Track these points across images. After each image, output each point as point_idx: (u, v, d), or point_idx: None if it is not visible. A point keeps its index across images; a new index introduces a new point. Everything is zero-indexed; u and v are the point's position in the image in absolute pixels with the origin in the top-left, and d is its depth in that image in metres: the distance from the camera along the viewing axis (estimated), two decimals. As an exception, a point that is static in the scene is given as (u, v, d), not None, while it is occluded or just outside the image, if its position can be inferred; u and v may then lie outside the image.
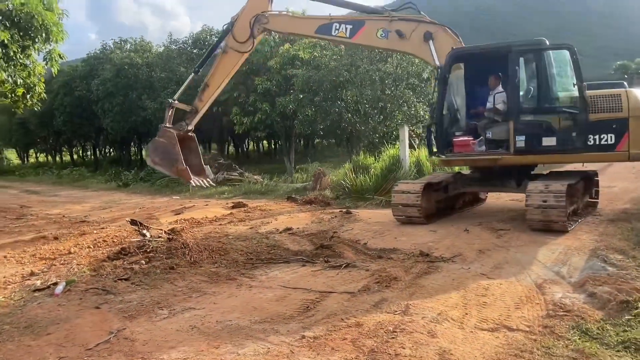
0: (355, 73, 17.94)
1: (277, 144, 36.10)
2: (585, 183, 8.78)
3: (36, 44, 10.93)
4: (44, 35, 10.63)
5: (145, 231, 8.63)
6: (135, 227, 8.89)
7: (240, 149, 40.79)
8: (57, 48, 11.52)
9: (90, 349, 4.11)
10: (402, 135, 13.79)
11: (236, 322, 4.48)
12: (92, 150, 45.00)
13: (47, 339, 4.39)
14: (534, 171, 9.09)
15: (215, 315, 4.71)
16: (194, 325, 4.45)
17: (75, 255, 7.52)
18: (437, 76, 8.47)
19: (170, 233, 8.50)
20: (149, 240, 7.98)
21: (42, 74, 11.58)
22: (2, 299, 5.62)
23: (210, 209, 12.43)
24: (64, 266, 6.89)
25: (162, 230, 8.98)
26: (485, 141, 8.42)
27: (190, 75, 10.19)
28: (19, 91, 11.33)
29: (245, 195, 15.51)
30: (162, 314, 4.82)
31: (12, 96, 11.45)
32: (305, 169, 19.00)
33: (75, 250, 7.92)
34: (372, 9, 9.63)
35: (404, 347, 3.75)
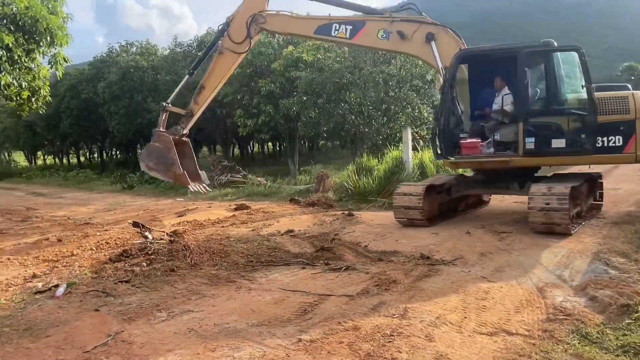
0: (358, 75, 17.93)
1: (282, 145, 36.14)
2: (589, 185, 8.73)
3: (41, 48, 10.99)
4: (48, 39, 10.69)
5: (147, 233, 8.64)
6: (138, 230, 8.90)
7: (245, 151, 40.87)
8: (61, 51, 11.58)
9: (87, 352, 4.11)
10: (405, 137, 13.75)
11: (234, 325, 4.48)
12: (98, 153, 45.21)
13: (46, 342, 4.40)
14: (537, 173, 9.05)
15: (213, 317, 4.71)
16: (191, 328, 4.46)
17: (78, 257, 7.56)
18: (446, 77, 8.33)
19: (172, 235, 8.52)
20: (151, 242, 7.99)
21: (46, 78, 11.64)
22: (4, 301, 5.65)
23: (213, 211, 12.44)
24: (66, 268, 6.92)
25: (164, 232, 8.99)
26: (493, 143, 8.38)
27: (184, 77, 9.87)
28: (24, 94, 11.39)
29: (248, 197, 15.52)
30: (161, 317, 4.82)
31: (17, 99, 11.52)
32: (308, 170, 19.02)
33: (77, 252, 7.96)
34: (372, 10, 9.50)
35: (401, 352, 3.73)
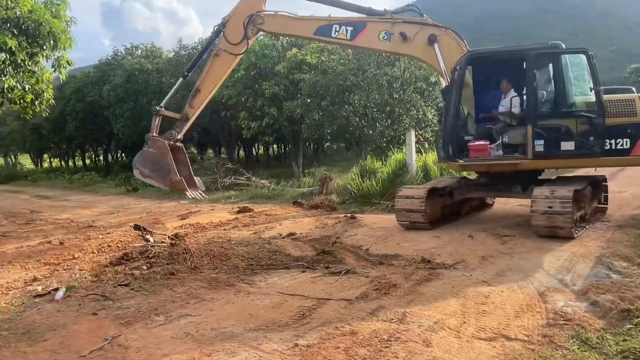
0: (362, 77, 17.90)
1: (286, 148, 36.12)
2: (593, 188, 8.65)
3: (44, 51, 11.03)
4: (51, 42, 10.73)
5: (148, 236, 8.65)
6: (139, 233, 8.91)
7: (250, 153, 40.87)
8: (65, 55, 11.62)
9: (83, 356, 4.10)
10: (409, 139, 13.71)
11: (230, 329, 4.45)
12: (104, 155, 45.35)
13: (43, 345, 4.40)
14: (541, 176, 8.99)
15: (210, 322, 4.69)
16: (188, 332, 4.44)
17: (79, 260, 7.58)
18: (453, 78, 8.23)
19: (173, 238, 8.52)
20: (152, 245, 7.99)
21: (50, 81, 11.67)
22: (3, 305, 5.65)
23: (216, 213, 12.45)
24: (66, 271, 6.94)
25: (165, 235, 9.01)
26: (502, 145, 8.34)
27: (179, 79, 9.73)
28: (28, 97, 11.43)
29: (251, 199, 15.51)
30: (158, 321, 4.80)
31: (21, 102, 11.57)
32: (312, 173, 18.98)
33: (79, 255, 7.97)
34: (372, 11, 9.34)
35: (397, 357, 3.70)
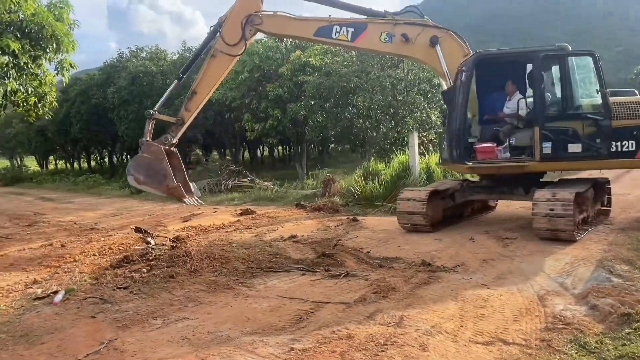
0: (366, 79, 17.89)
1: (291, 150, 36.14)
2: (595, 191, 8.59)
3: (47, 54, 11.07)
4: (54, 45, 10.77)
5: (149, 239, 8.66)
6: (140, 235, 8.92)
7: (255, 155, 40.91)
8: (68, 57, 11.65)
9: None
10: (412, 141, 13.66)
11: (227, 333, 4.44)
12: (108, 157, 45.53)
13: (40, 349, 4.40)
14: (543, 178, 8.95)
15: (207, 325, 4.68)
16: (185, 336, 4.43)
17: (79, 263, 7.59)
18: (462, 79, 8.14)
19: (175, 241, 8.53)
20: (153, 248, 8.01)
21: (53, 83, 11.71)
22: (3, 307, 5.67)
23: (218, 215, 12.45)
24: (66, 274, 6.95)
25: (167, 237, 9.01)
26: (509, 147, 8.31)
27: (173, 82, 9.39)
28: (31, 100, 11.48)
29: (255, 201, 15.51)
30: (156, 324, 4.80)
31: (24, 105, 11.61)
32: (316, 175, 18.97)
33: (80, 258, 7.99)
34: (373, 12, 9.24)
35: (393, 361, 3.68)
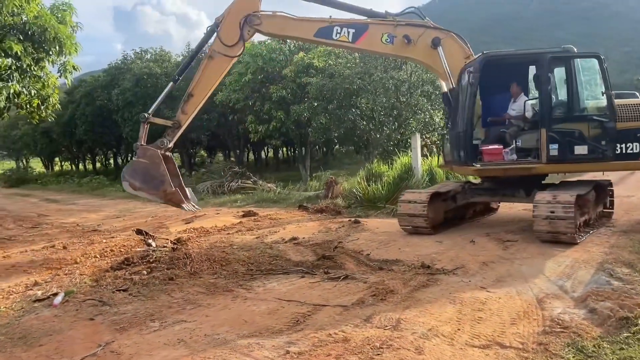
0: (369, 81, 17.89)
1: (295, 151, 36.19)
2: (597, 193, 8.54)
3: (50, 57, 11.14)
4: (57, 47, 10.83)
5: (150, 241, 8.67)
6: (141, 237, 8.94)
7: (259, 157, 40.99)
8: (71, 60, 11.72)
9: (76, 362, 4.11)
10: (414, 143, 13.65)
11: (224, 336, 4.44)
12: (113, 159, 45.74)
13: (38, 351, 4.42)
14: (545, 180, 8.92)
15: (205, 328, 4.68)
16: (181, 339, 4.43)
17: (80, 265, 7.61)
18: (470, 80, 8.09)
19: (176, 243, 8.55)
20: (153, 250, 8.03)
21: (56, 86, 11.78)
22: (3, 309, 5.69)
23: (220, 217, 12.47)
24: (67, 276, 6.96)
25: (168, 239, 9.02)
26: (516, 149, 8.29)
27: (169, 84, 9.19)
28: (34, 102, 11.54)
29: (257, 203, 15.52)
30: (153, 327, 4.80)
31: (27, 107, 11.67)
32: (319, 176, 18.98)
33: (81, 259, 8.01)
34: (374, 13, 9.18)
35: (388, 365, 3.66)
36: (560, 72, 8.22)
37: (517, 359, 3.77)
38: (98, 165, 47.83)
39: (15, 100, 11.02)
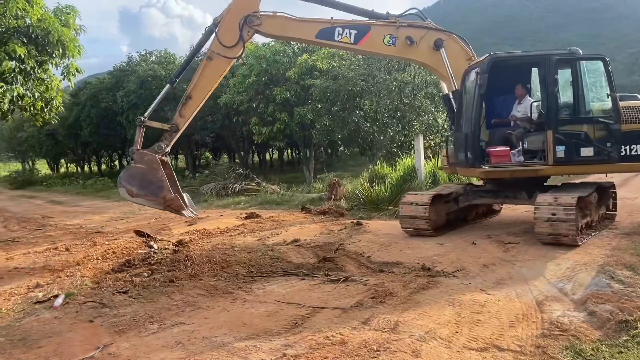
0: (372, 82, 17.89)
1: (300, 153, 36.20)
2: (599, 195, 8.50)
3: (54, 59, 11.18)
4: (60, 50, 10.86)
5: (152, 243, 8.69)
6: (143, 239, 8.96)
7: (264, 159, 41.03)
8: (74, 62, 11.75)
9: (74, 364, 4.13)
10: (417, 145, 13.65)
11: (221, 338, 4.44)
12: (118, 160, 45.89)
13: (37, 352, 4.43)
14: (547, 182, 8.88)
15: (203, 330, 4.68)
16: (179, 341, 4.43)
17: (82, 267, 7.62)
18: (479, 81, 7.99)
19: (177, 245, 8.57)
20: (155, 252, 8.04)
21: (59, 88, 11.82)
22: (4, 311, 5.71)
23: (223, 219, 12.49)
24: (68, 278, 6.98)
25: (170, 241, 9.04)
26: (523, 151, 8.27)
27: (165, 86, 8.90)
28: (38, 105, 11.58)
29: (261, 205, 15.53)
30: (152, 329, 4.81)
31: (31, 110, 11.71)
32: (323, 178, 18.99)
33: (83, 261, 8.02)
34: (375, 14, 9.10)
35: (384, 368, 3.66)
36: (565, 74, 8.20)
37: (515, 362, 3.76)
38: (103, 167, 48.04)
39: (19, 102, 11.04)
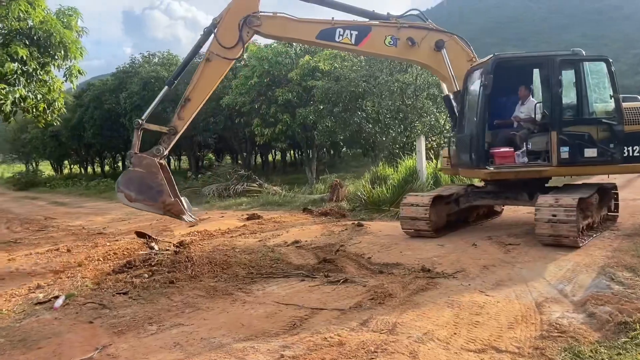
0: (374, 84, 17.89)
1: (302, 154, 36.23)
2: (601, 196, 8.47)
3: (56, 61, 11.25)
4: (62, 52, 10.94)
5: (153, 244, 8.71)
6: (144, 240, 8.98)
7: (266, 160, 41.06)
8: (76, 64, 11.82)
9: (72, 365, 4.14)
10: (419, 146, 13.63)
11: (220, 339, 4.45)
12: (122, 162, 45.98)
13: (36, 353, 4.45)
14: (548, 183, 8.86)
15: (202, 331, 4.69)
16: (178, 342, 4.44)
17: (83, 268, 7.65)
18: (485, 82, 7.93)
19: (178, 246, 8.58)
20: (156, 253, 8.06)
21: (61, 90, 11.88)
22: (5, 312, 5.74)
23: (225, 220, 12.51)
24: (69, 279, 7.01)
25: (170, 243, 9.06)
26: (527, 152, 8.26)
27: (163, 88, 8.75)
28: (41, 106, 11.64)
29: (262, 206, 15.54)
30: (151, 330, 4.82)
31: (34, 111, 11.78)
32: (325, 179, 19.00)
33: (84, 263, 8.05)
34: (375, 15, 9.05)
35: (381, 369, 3.66)
36: (569, 75, 8.19)
37: (512, 364, 3.75)
38: (106, 168, 48.14)
39: (22, 104, 11.13)
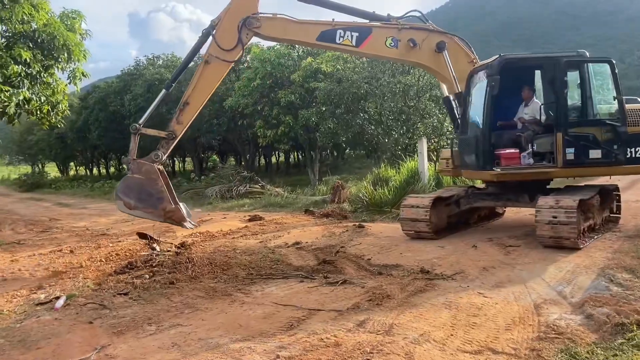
0: (376, 85, 17.91)
1: (305, 155, 36.28)
2: (602, 198, 8.45)
3: (59, 63, 11.33)
4: (66, 55, 11.02)
5: (154, 245, 8.75)
6: (146, 241, 9.02)
7: (270, 161, 41.13)
8: (80, 67, 11.91)
9: (71, 365, 4.17)
10: (421, 147, 13.63)
11: (217, 340, 4.47)
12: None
13: (35, 354, 4.48)
14: (550, 185, 8.85)
15: (200, 332, 4.72)
16: (175, 343, 4.47)
17: (85, 269, 7.69)
18: (492, 83, 7.90)
19: (180, 247, 8.62)
20: (157, 254, 8.10)
21: (65, 92, 11.97)
22: (6, 312, 5.78)
23: (227, 222, 12.55)
24: (71, 280, 7.04)
25: (172, 244, 9.10)
26: (532, 153, 8.26)
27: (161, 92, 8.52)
28: (44, 109, 11.73)
29: (265, 207, 15.58)
30: (150, 331, 4.85)
31: (38, 113, 11.87)
32: (327, 181, 19.02)
33: (87, 263, 8.10)
34: (376, 16, 9.03)
35: (376, 370, 3.67)
36: (573, 76, 8.19)
37: (508, 365, 3.76)
38: (111, 169, 48.35)
39: (26, 106, 11.22)
